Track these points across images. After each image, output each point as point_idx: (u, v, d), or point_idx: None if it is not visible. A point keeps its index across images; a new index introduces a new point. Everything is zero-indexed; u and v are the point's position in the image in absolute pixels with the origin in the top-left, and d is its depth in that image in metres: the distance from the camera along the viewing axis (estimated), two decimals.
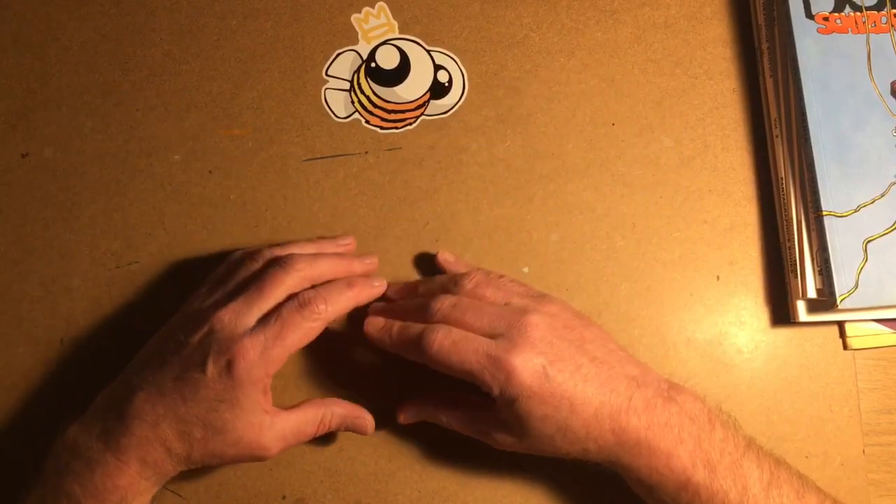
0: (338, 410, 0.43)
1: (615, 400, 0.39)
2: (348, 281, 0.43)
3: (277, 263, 0.42)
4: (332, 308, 0.41)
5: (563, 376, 0.39)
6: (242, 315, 0.39)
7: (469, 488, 0.47)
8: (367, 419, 0.44)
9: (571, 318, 0.42)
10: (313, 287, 0.42)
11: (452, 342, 0.40)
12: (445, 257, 0.48)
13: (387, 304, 0.46)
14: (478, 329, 0.41)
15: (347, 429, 0.44)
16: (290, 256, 0.42)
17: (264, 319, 0.39)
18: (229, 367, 0.38)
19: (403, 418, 0.45)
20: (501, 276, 0.46)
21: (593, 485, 0.47)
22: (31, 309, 0.48)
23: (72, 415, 0.41)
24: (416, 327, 0.42)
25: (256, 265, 0.43)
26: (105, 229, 0.49)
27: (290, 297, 0.41)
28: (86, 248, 0.49)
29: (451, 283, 0.45)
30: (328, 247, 0.47)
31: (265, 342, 0.39)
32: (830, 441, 0.48)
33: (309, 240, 0.48)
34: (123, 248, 0.49)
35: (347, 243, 0.47)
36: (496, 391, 0.39)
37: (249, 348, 0.38)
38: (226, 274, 0.44)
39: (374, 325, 0.44)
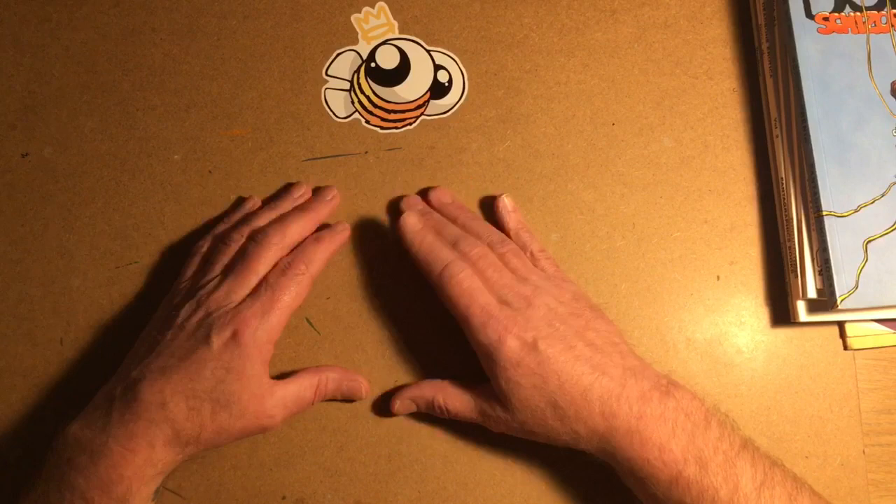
0: (332, 375, 0.45)
1: (607, 383, 0.40)
2: (316, 237, 0.46)
3: (255, 241, 0.44)
4: (313, 266, 0.44)
5: (553, 351, 0.40)
6: (233, 293, 0.43)
7: (469, 488, 0.47)
8: (361, 382, 0.46)
9: (583, 308, 0.43)
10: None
11: (469, 287, 0.42)
12: (504, 204, 0.49)
13: (425, 203, 0.49)
14: (491, 289, 0.43)
15: (343, 395, 0.46)
16: (264, 232, 0.45)
17: (254, 292, 0.43)
18: (235, 336, 0.41)
19: (398, 406, 0.45)
20: (543, 250, 0.47)
21: (592, 485, 0.47)
22: (31, 309, 0.48)
23: (72, 415, 0.41)
24: (446, 253, 0.43)
25: (236, 245, 0.45)
26: (105, 229, 0.49)
27: (273, 267, 0.44)
28: (86, 248, 0.49)
29: (493, 235, 0.46)
30: (320, 207, 0.48)
31: (263, 307, 0.42)
32: (830, 441, 0.48)
33: (280, 196, 0.49)
34: (123, 248, 0.49)
35: (332, 198, 0.48)
36: (485, 349, 0.41)
37: (250, 316, 0.41)
38: (209, 254, 0.46)
39: (412, 224, 0.45)
